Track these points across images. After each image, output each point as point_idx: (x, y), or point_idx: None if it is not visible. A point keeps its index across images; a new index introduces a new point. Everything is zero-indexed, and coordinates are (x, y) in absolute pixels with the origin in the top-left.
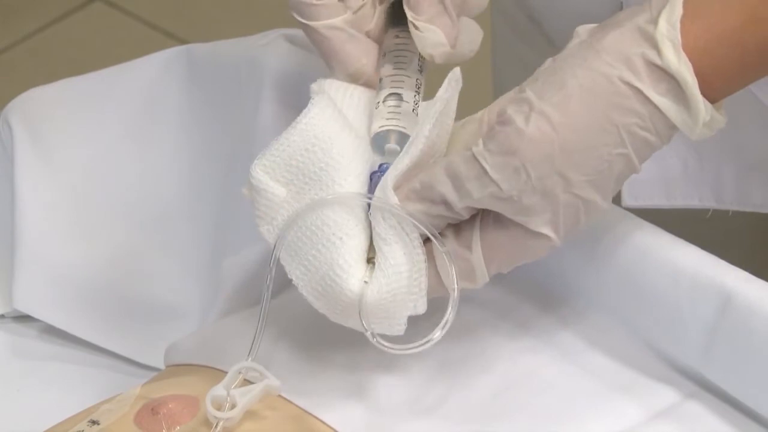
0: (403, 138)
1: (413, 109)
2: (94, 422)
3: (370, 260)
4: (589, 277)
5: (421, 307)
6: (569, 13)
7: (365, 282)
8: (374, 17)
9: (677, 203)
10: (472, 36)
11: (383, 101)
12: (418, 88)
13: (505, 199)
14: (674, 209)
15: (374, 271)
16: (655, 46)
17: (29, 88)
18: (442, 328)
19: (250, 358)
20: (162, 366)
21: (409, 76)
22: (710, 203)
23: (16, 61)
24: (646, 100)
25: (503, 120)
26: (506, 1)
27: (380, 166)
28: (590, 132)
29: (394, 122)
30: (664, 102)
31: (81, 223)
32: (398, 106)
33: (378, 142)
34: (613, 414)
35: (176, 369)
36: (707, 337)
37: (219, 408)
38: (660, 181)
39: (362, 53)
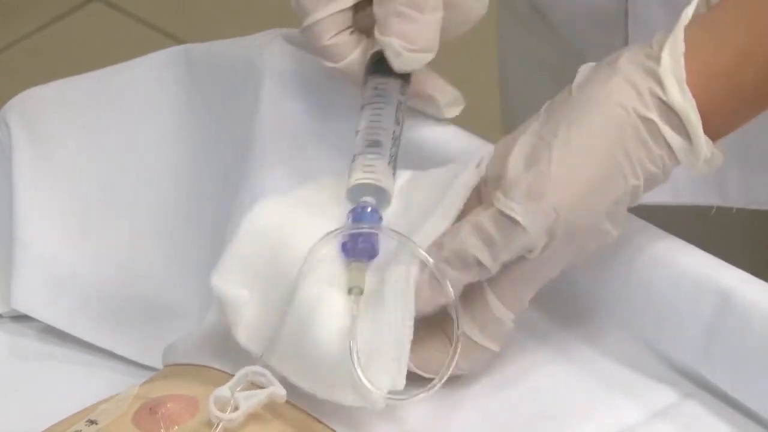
0: (378, 192)
1: (389, 162)
2: (92, 422)
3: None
4: (588, 276)
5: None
6: (571, 2)
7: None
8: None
9: (683, 201)
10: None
11: (360, 154)
12: (395, 139)
13: (535, 247)
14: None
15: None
16: (659, 82)
17: (28, 88)
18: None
19: (258, 363)
20: (160, 366)
21: (384, 129)
22: (715, 201)
23: (15, 60)
24: (659, 133)
25: (527, 163)
26: None
27: (359, 202)
28: (610, 165)
29: (370, 176)
30: (673, 137)
31: (79, 223)
32: (375, 159)
33: (354, 195)
34: (611, 413)
35: (175, 369)
36: (706, 336)
37: (222, 409)
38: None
39: None
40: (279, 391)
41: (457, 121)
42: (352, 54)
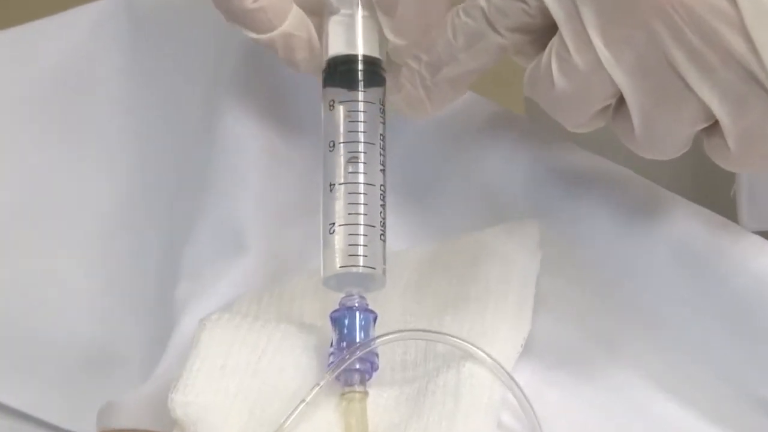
0: (368, 280)
1: (381, 235)
2: None
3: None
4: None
5: None
6: None
7: None
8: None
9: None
10: None
11: (342, 225)
12: (383, 195)
13: None
14: None
15: None
16: None
17: None
18: None
19: None
20: None
21: (371, 185)
22: None
23: None
24: None
25: None
26: None
27: (343, 302)
28: None
29: (357, 260)
30: None
31: None
32: (362, 236)
33: (336, 285)
34: None
35: None
36: None
37: None
38: None
39: (311, 54)
40: None
41: None
42: (284, 24)
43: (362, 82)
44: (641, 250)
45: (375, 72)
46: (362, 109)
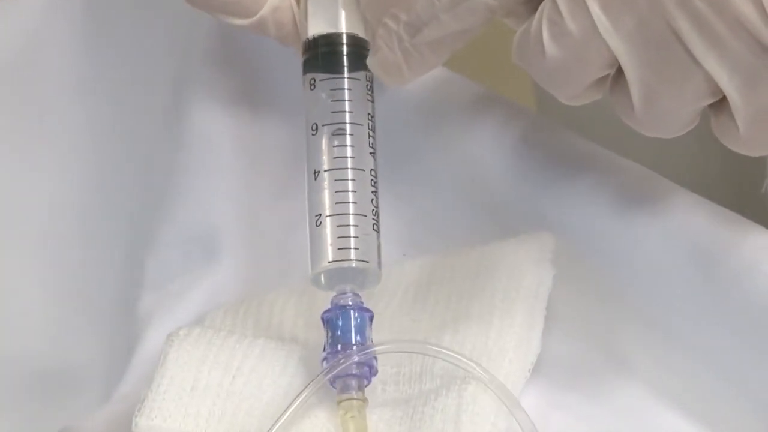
0: (362, 276)
1: (374, 225)
2: None
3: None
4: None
5: None
6: None
7: None
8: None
9: None
10: None
11: (329, 216)
12: (374, 180)
13: None
14: None
15: None
16: None
17: None
18: None
19: None
20: None
21: (360, 170)
22: None
23: None
24: None
25: None
26: None
27: (335, 301)
28: None
29: (348, 254)
30: None
31: None
32: (353, 227)
33: (326, 284)
34: None
35: None
36: None
37: None
38: None
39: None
40: None
41: None
42: (267, 4)
43: (347, 58)
44: (648, 249)
45: (361, 54)
46: (347, 87)
